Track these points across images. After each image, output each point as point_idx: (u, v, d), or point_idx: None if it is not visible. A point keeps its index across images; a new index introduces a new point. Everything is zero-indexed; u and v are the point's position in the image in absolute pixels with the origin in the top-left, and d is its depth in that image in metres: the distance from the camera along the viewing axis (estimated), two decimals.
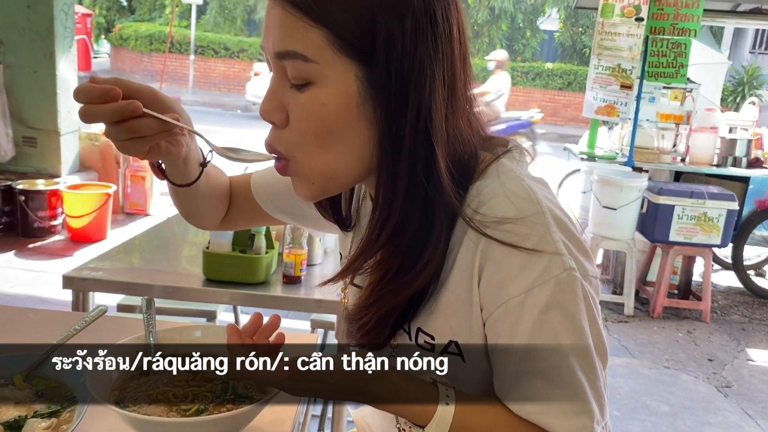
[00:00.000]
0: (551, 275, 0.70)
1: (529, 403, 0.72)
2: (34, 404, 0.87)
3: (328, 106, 0.71)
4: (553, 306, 0.70)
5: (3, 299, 3.78)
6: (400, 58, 0.70)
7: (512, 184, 0.75)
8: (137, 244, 2.30)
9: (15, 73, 5.03)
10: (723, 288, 5.26)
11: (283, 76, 0.73)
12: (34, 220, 4.77)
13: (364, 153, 0.74)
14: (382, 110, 0.72)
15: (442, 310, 0.76)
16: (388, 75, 0.70)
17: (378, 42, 0.70)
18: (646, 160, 4.72)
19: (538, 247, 0.71)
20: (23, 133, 5.13)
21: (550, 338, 0.70)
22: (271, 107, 0.74)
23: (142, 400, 0.85)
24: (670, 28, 4.38)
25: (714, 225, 4.22)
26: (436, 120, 0.73)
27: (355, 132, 0.73)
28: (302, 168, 0.75)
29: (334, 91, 0.71)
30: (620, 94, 4.50)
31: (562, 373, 0.71)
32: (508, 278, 0.71)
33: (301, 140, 0.73)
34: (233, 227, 1.15)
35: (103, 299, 1.95)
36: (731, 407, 3.39)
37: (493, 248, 0.72)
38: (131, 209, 5.59)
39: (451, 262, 0.75)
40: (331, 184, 0.77)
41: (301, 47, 0.69)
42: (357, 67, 0.70)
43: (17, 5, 4.94)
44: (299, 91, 0.71)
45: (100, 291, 1.94)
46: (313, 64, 0.70)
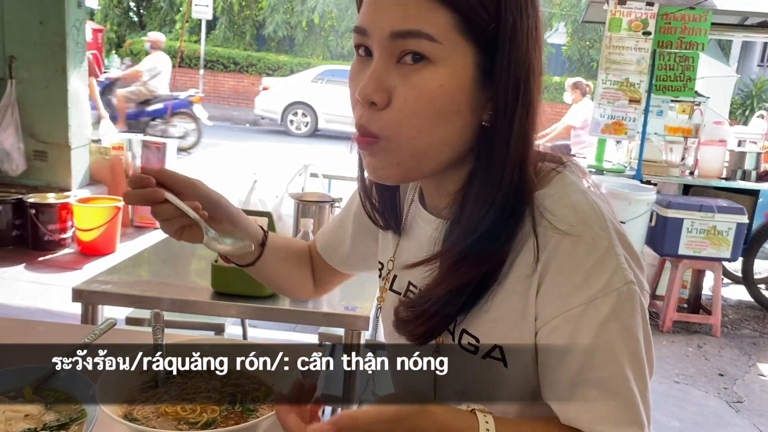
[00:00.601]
0: (613, 288, 0.72)
1: (583, 412, 0.72)
2: (44, 417, 0.88)
3: (445, 87, 0.72)
4: (612, 318, 0.71)
5: (13, 312, 3.80)
6: (518, 49, 0.73)
7: (577, 197, 0.77)
8: (146, 258, 2.31)
9: (27, 87, 5.09)
10: (733, 302, 5.23)
11: (390, 56, 0.73)
12: (44, 233, 4.80)
13: (459, 140, 0.76)
14: (494, 99, 0.74)
15: (493, 313, 0.77)
16: (508, 64, 0.73)
17: (502, 30, 0.72)
18: (654, 173, 4.71)
19: (602, 260, 0.72)
20: (34, 147, 5.18)
21: (607, 349, 0.72)
22: (373, 87, 0.73)
23: (150, 414, 0.85)
24: (678, 41, 4.39)
25: (723, 238, 4.20)
26: (536, 116, 0.76)
27: (460, 117, 0.74)
28: (394, 148, 0.75)
29: (452, 73, 0.72)
30: (628, 109, 4.49)
31: (617, 383, 0.72)
32: (571, 289, 0.72)
33: (405, 120, 0.73)
34: (328, 290, 1.20)
35: (112, 312, 1.96)
36: (743, 423, 3.36)
37: (556, 257, 0.73)
38: (140, 222, 5.62)
39: (511, 265, 0.76)
40: (415, 168, 0.77)
41: (428, 27, 0.70)
42: (475, 53, 0.72)
43: (30, 21, 5.01)
44: (413, 71, 0.72)
45: (109, 304, 1.95)
46: (437, 45, 0.71)
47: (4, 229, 4.83)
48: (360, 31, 0.75)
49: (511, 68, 0.73)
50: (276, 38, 17.55)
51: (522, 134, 0.75)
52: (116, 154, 5.52)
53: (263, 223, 1.99)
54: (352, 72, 0.79)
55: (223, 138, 11.80)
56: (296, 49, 17.77)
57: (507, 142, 0.75)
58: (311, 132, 13.04)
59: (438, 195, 0.86)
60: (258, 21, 17.67)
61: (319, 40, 17.80)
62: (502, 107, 0.74)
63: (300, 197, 2.15)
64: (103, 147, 5.56)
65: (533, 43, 0.74)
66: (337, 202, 2.18)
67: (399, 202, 0.95)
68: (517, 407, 0.81)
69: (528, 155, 0.77)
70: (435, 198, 0.87)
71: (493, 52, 0.73)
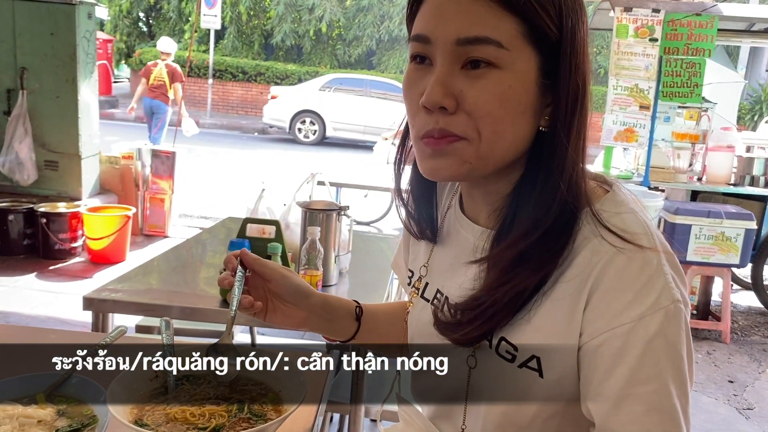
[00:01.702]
0: (661, 306, 0.73)
1: (626, 426, 0.73)
2: (56, 422, 0.89)
3: (513, 89, 0.74)
4: (659, 335, 0.73)
5: (24, 320, 3.84)
6: (577, 54, 0.76)
7: (629, 215, 0.78)
8: (156, 266, 2.33)
9: (38, 98, 5.15)
10: (743, 308, 5.20)
11: (455, 62, 0.75)
12: (55, 242, 4.85)
13: (522, 144, 0.78)
14: (554, 104, 0.77)
15: (535, 323, 0.78)
16: (569, 69, 0.76)
17: (564, 36, 0.75)
18: (662, 179, 4.70)
19: (651, 278, 0.74)
20: (45, 157, 5.24)
21: (653, 366, 0.73)
22: (441, 93, 0.74)
23: (160, 419, 0.87)
24: (684, 48, 4.39)
25: (732, 245, 4.18)
26: (588, 123, 0.79)
27: (525, 120, 0.77)
28: (473, 147, 0.77)
29: (518, 77, 0.74)
30: (639, 116, 4.49)
31: (661, 399, 0.73)
32: (621, 306, 0.73)
33: (480, 122, 0.75)
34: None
35: (122, 320, 1.98)
36: (753, 430, 3.34)
37: (608, 274, 0.75)
38: (150, 231, 5.66)
39: (558, 277, 0.77)
40: (481, 168, 0.79)
41: (495, 34, 0.72)
42: (538, 58, 0.75)
43: (41, 33, 5.07)
44: (479, 76, 0.74)
45: (119, 312, 1.97)
46: (505, 51, 0.73)
47: (16, 239, 4.88)
48: (422, 39, 0.77)
49: (572, 73, 0.76)
50: (284, 47, 17.64)
51: (579, 139, 0.78)
52: (126, 163, 5.57)
53: (271, 232, 2.01)
54: (409, 81, 0.80)
55: (231, 146, 11.86)
56: (304, 57, 17.85)
57: (566, 147, 0.77)
58: (319, 140, 13.09)
59: (483, 203, 0.87)
60: (266, 30, 17.76)
61: (326, 48, 17.88)
62: (563, 112, 0.76)
63: (307, 205, 2.17)
64: (113, 156, 5.61)
65: (587, 50, 0.78)
66: (344, 210, 2.19)
67: (435, 211, 0.96)
68: (545, 415, 0.81)
69: (584, 161, 0.79)
70: (478, 206, 0.88)
71: (555, 58, 0.75)
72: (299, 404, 0.87)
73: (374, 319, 1.07)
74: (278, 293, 0.96)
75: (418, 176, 0.93)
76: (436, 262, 0.95)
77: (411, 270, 1.02)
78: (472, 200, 0.90)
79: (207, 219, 6.32)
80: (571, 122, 0.77)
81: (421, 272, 0.97)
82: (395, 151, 0.94)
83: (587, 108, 0.78)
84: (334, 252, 2.16)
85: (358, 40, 17.57)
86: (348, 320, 1.03)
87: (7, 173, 5.06)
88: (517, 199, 0.80)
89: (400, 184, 0.94)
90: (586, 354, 0.76)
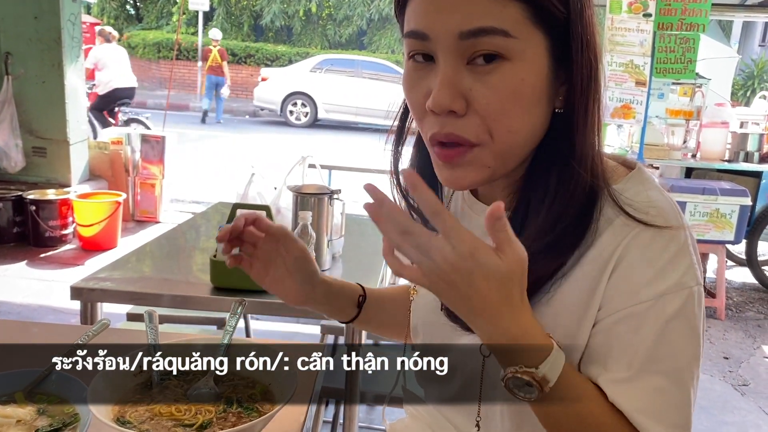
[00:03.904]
0: (683, 287, 0.71)
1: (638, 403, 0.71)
2: (36, 422, 0.86)
3: (526, 81, 0.69)
4: (679, 316, 0.71)
5: (15, 309, 3.80)
6: (587, 31, 0.72)
7: (655, 193, 0.76)
8: (148, 252, 2.29)
9: (23, 83, 5.06)
10: (737, 285, 5.21)
11: (459, 59, 0.69)
12: (45, 229, 4.79)
13: (539, 131, 0.74)
14: (568, 83, 0.73)
15: (554, 306, 0.75)
16: (581, 47, 0.71)
17: (572, 13, 0.70)
18: (656, 156, 4.67)
19: (677, 257, 0.72)
20: (33, 144, 5.17)
21: (669, 345, 0.71)
22: (449, 96, 0.69)
23: (144, 415, 0.83)
24: (678, 23, 4.34)
25: (727, 221, 4.17)
26: (601, 96, 0.75)
27: (541, 107, 0.73)
28: (487, 153, 0.72)
29: (530, 66, 0.69)
30: (636, 92, 4.44)
31: (670, 381, 0.71)
32: (642, 282, 0.71)
33: (493, 123, 0.70)
34: None
35: (112, 309, 1.95)
36: (748, 406, 3.35)
37: (631, 249, 0.72)
38: (141, 217, 5.61)
39: (579, 258, 0.74)
40: (502, 168, 0.75)
41: (501, 23, 0.67)
42: (548, 41, 0.70)
43: (24, 16, 4.98)
44: (488, 72, 0.69)
45: (107, 301, 1.93)
46: (512, 40, 0.67)
47: (5, 227, 4.82)
48: (419, 35, 0.70)
49: (584, 51, 0.72)
50: (273, 28, 17.48)
51: (596, 116, 0.75)
52: (115, 148, 5.50)
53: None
54: (409, 81, 0.74)
55: (223, 130, 11.77)
56: (294, 38, 17.70)
57: (584, 125, 0.74)
58: (311, 122, 13.01)
59: (497, 186, 0.83)
60: (255, 11, 17.58)
61: (317, 29, 17.72)
62: (579, 90, 0.73)
63: (298, 189, 2.13)
64: (102, 142, 5.55)
65: (595, 24, 0.74)
66: (336, 194, 2.15)
67: (439, 195, 0.92)
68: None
69: (600, 138, 0.76)
70: (492, 189, 0.84)
71: (565, 38, 0.71)
72: (289, 399, 0.84)
73: (379, 305, 1.05)
74: (291, 270, 0.92)
75: (419, 159, 0.89)
76: None
77: None
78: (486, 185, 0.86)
79: (199, 204, 6.27)
80: (587, 100, 0.74)
81: None
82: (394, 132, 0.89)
83: (600, 83, 0.75)
84: (326, 236, 2.13)
85: (348, 20, 17.42)
86: (350, 307, 1.01)
87: None
88: (533, 180, 0.77)
89: (398, 166, 0.90)
90: (602, 330, 0.74)
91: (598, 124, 0.76)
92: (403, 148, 0.89)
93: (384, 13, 16.95)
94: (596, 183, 0.75)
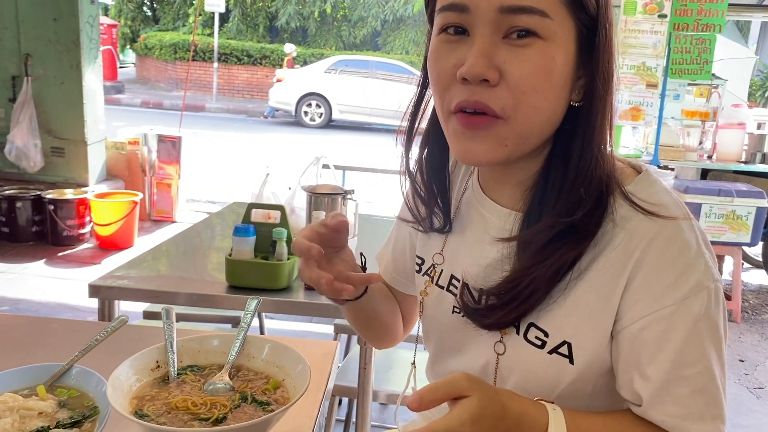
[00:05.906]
0: (703, 286, 0.73)
1: (672, 407, 0.73)
2: (57, 414, 0.88)
3: (556, 61, 0.72)
4: (703, 316, 0.72)
5: (34, 307, 3.85)
6: (611, 33, 0.75)
7: (665, 196, 0.78)
8: (164, 251, 2.32)
9: (42, 84, 5.13)
10: (754, 287, 5.16)
11: (496, 32, 0.72)
12: (63, 229, 4.85)
13: (558, 118, 0.76)
14: (590, 75, 0.75)
15: (567, 307, 0.77)
16: (605, 40, 0.74)
17: (601, 7, 0.74)
18: (671, 158, 4.64)
19: (693, 260, 0.73)
20: (51, 144, 5.23)
21: (697, 347, 0.73)
22: (485, 65, 0.71)
23: (161, 409, 0.85)
24: (694, 23, 4.31)
25: (743, 223, 4.14)
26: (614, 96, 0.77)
27: (564, 94, 0.75)
28: (509, 128, 0.74)
29: (561, 48, 0.72)
30: (646, 94, 4.43)
31: (706, 380, 0.73)
32: (663, 287, 0.73)
33: (522, 97, 0.72)
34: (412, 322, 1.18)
35: (129, 307, 1.98)
36: (764, 409, 3.32)
37: (649, 256, 0.73)
38: (158, 216, 5.66)
39: (592, 261, 0.76)
40: (519, 148, 0.76)
41: (540, 2, 0.70)
42: (577, 31, 0.73)
43: (44, 18, 5.05)
44: (523, 47, 0.71)
45: (124, 299, 1.96)
46: (548, 20, 0.71)
47: (24, 225, 4.89)
48: (458, 7, 0.73)
49: (606, 47, 0.75)
50: (289, 29, 17.53)
51: (611, 114, 0.77)
52: (132, 149, 5.55)
53: (276, 216, 1.99)
54: (438, 53, 0.76)
55: (238, 130, 11.84)
56: (309, 40, 17.75)
57: (602, 120, 0.76)
58: (325, 123, 13.04)
59: (507, 183, 0.84)
60: (270, 13, 17.65)
61: (331, 30, 17.76)
62: (599, 85, 0.75)
63: (312, 189, 2.15)
64: (120, 142, 5.60)
65: (613, 24, 0.76)
66: (349, 194, 2.17)
67: (449, 195, 0.93)
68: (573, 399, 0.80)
69: (612, 137, 0.78)
70: (501, 186, 0.86)
71: (591, 31, 0.74)
72: (303, 393, 0.85)
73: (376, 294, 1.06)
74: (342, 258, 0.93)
75: (431, 158, 0.90)
76: (452, 248, 0.92)
77: (421, 257, 0.98)
78: (495, 180, 0.87)
79: (214, 204, 6.31)
80: (605, 96, 0.75)
81: (435, 260, 0.94)
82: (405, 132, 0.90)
83: (613, 83, 0.77)
84: None
85: (363, 21, 17.44)
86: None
87: (14, 160, 5.06)
88: (547, 177, 0.78)
89: (412, 172, 0.91)
90: (628, 338, 0.75)
91: (611, 121, 0.77)
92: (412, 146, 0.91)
93: (398, 14, 16.95)
94: (609, 178, 0.76)
